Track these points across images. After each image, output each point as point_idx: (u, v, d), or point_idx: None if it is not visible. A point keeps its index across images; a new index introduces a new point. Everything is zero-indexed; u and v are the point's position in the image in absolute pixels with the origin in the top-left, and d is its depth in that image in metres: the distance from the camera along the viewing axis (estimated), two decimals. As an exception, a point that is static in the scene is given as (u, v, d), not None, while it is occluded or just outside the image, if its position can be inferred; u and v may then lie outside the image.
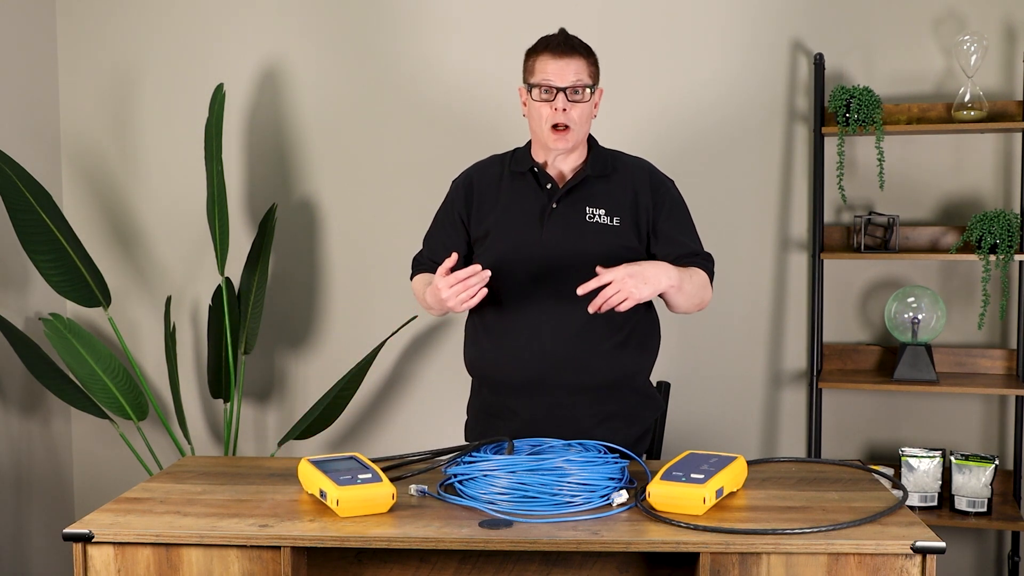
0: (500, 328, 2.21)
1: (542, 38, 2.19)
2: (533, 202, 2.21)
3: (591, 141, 2.27)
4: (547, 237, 2.18)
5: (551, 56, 2.13)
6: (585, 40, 2.21)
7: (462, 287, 2.02)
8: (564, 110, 2.12)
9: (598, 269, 2.00)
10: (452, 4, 3.28)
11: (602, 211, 2.19)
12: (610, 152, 2.28)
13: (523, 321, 2.17)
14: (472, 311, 2.28)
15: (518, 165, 2.24)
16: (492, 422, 2.25)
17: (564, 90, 2.12)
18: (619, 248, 2.16)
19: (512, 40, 3.24)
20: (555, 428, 2.12)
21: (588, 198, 2.19)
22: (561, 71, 2.12)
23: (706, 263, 2.22)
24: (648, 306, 2.27)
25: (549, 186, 2.20)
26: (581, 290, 2.00)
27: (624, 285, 1.98)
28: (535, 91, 2.14)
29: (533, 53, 2.18)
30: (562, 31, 2.21)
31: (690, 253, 2.21)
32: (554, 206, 2.19)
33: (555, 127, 2.14)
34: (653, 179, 2.25)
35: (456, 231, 2.28)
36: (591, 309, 2.00)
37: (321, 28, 3.34)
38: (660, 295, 2.09)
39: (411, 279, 2.38)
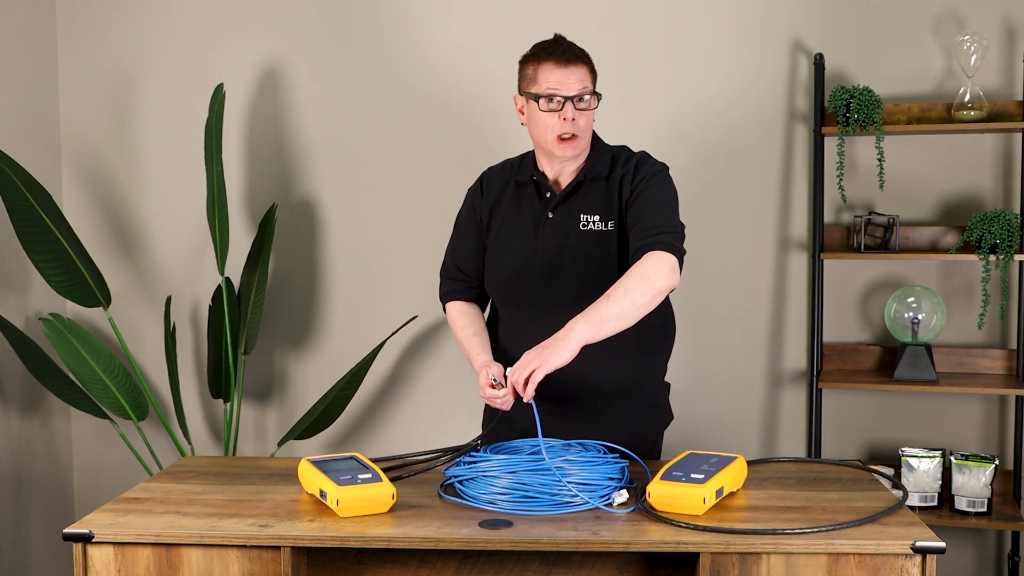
0: (505, 338, 2.22)
1: (540, 46, 2.12)
2: (531, 212, 2.19)
3: (594, 141, 2.21)
4: (542, 248, 2.15)
5: (555, 65, 2.08)
6: (585, 40, 2.20)
7: (499, 402, 2.04)
8: (572, 119, 2.09)
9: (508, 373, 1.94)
10: (452, 4, 3.27)
11: (596, 216, 2.14)
12: (612, 150, 2.21)
13: (524, 332, 2.15)
14: (490, 317, 2.31)
15: (521, 174, 2.21)
16: (497, 428, 2.24)
17: (571, 99, 2.07)
18: (613, 255, 2.12)
19: (513, 41, 3.24)
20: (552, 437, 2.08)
21: (584, 205, 2.15)
22: (567, 80, 2.07)
23: (673, 242, 2.04)
24: (657, 311, 2.14)
25: (548, 195, 2.17)
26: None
27: (531, 361, 1.88)
28: (541, 101, 2.08)
29: (534, 61, 2.11)
30: (561, 38, 2.14)
31: (652, 232, 2.04)
32: (550, 215, 2.16)
33: (560, 137, 2.10)
34: (638, 167, 2.15)
35: (476, 238, 2.27)
36: (525, 399, 1.89)
37: (321, 28, 3.34)
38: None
39: (442, 298, 2.34)
